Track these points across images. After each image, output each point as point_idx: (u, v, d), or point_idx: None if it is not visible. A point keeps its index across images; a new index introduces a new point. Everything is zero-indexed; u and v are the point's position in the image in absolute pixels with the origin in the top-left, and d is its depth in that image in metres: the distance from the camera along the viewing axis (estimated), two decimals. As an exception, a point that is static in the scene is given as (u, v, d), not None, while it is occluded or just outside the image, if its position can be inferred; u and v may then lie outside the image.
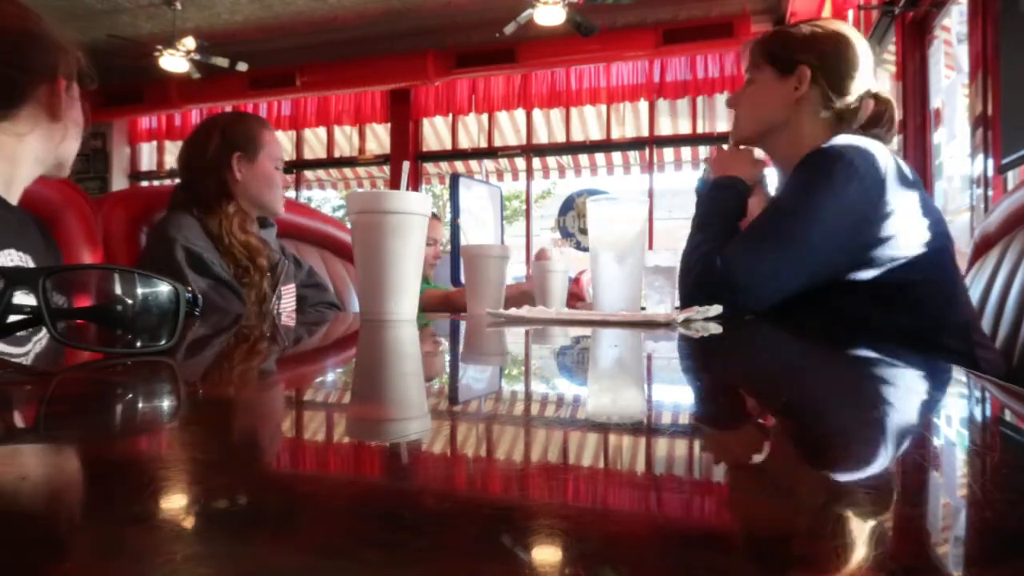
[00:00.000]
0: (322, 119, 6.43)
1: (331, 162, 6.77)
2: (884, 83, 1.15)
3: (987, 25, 2.46)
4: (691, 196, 1.24)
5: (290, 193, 6.47)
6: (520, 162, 6.42)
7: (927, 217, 1.00)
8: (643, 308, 1.22)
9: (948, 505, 0.19)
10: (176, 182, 1.49)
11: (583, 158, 6.50)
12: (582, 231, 5.56)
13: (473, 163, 6.60)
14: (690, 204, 1.22)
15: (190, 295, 0.46)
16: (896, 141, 2.66)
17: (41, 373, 0.43)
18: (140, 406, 0.32)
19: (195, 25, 5.51)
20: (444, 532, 0.15)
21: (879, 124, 1.09)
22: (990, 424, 0.33)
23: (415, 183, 6.23)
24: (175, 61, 5.21)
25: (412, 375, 0.45)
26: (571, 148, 6.25)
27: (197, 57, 5.19)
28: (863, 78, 1.09)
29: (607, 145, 6.15)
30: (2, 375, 0.39)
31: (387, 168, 6.54)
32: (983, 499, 0.19)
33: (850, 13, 3.69)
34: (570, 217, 5.72)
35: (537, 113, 6.14)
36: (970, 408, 0.37)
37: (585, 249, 4.64)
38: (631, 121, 6.04)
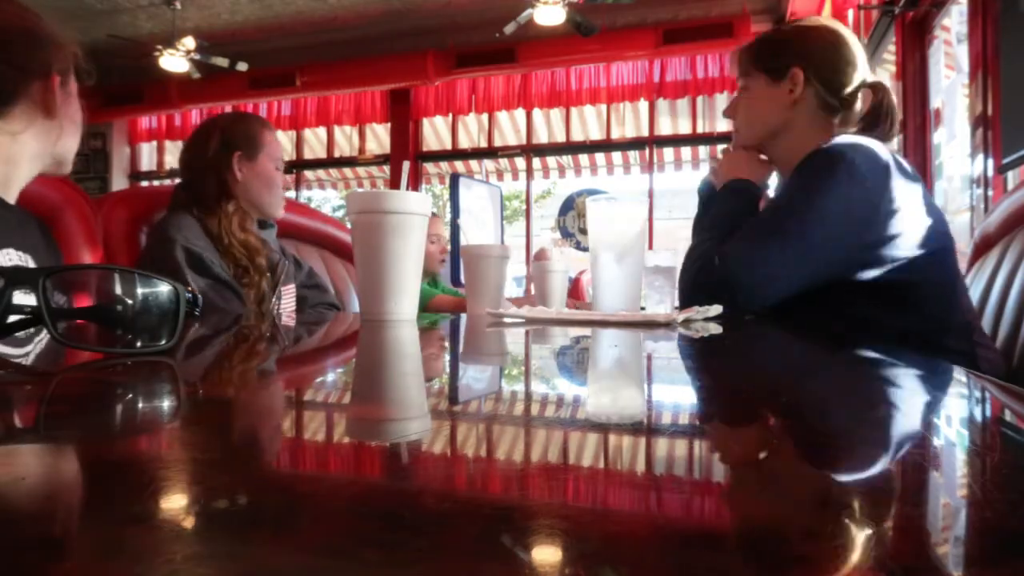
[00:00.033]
0: (322, 119, 6.43)
1: (331, 162, 6.77)
2: (883, 81, 1.14)
3: (987, 25, 2.46)
4: (691, 196, 1.24)
5: (290, 193, 6.47)
6: (520, 162, 6.42)
7: (929, 217, 1.00)
8: (643, 308, 1.22)
9: (948, 505, 0.19)
10: (177, 182, 1.49)
11: (583, 158, 6.50)
12: (582, 231, 5.56)
13: (473, 163, 6.60)
14: (690, 204, 1.22)
15: (190, 295, 0.46)
16: (896, 141, 2.65)
17: (41, 373, 0.43)
18: (140, 406, 0.32)
19: (195, 25, 5.51)
20: (444, 532, 0.15)
21: (879, 118, 1.08)
22: (990, 424, 0.33)
23: (415, 183, 6.23)
24: (175, 61, 5.21)
25: (412, 375, 0.45)
26: (571, 148, 6.25)
27: (197, 57, 5.19)
28: (856, 70, 1.09)
29: (607, 145, 6.15)
30: (2, 375, 0.39)
31: (387, 168, 6.55)
32: (983, 499, 0.19)
33: (850, 13, 3.69)
34: (570, 217, 5.73)
35: (537, 113, 6.14)
36: (970, 408, 0.37)
37: (585, 249, 4.64)
38: (631, 121, 6.04)
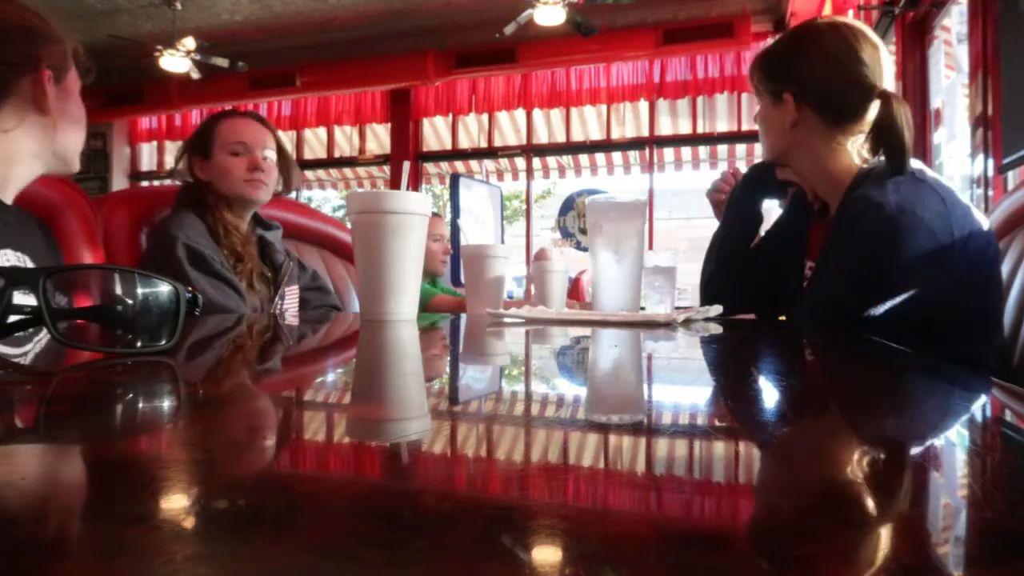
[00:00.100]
0: (322, 119, 6.43)
1: (331, 162, 6.77)
2: (889, 82, 1.09)
3: (987, 25, 2.46)
4: (691, 196, 1.24)
5: (290, 193, 6.45)
6: (520, 162, 6.42)
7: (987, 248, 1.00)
8: (643, 308, 1.22)
9: (948, 505, 0.19)
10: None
11: (583, 158, 6.50)
12: (582, 231, 5.56)
13: (473, 163, 6.60)
14: (690, 204, 1.23)
15: (190, 295, 0.46)
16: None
17: (41, 373, 0.43)
18: (140, 406, 0.32)
19: (195, 25, 5.51)
20: (444, 532, 0.15)
21: (884, 134, 1.02)
22: (990, 424, 0.33)
23: (415, 183, 6.23)
24: (175, 61, 5.21)
25: (412, 375, 0.45)
26: (571, 148, 6.25)
27: (197, 57, 5.19)
28: (859, 83, 1.02)
29: (607, 145, 6.15)
30: (2, 375, 0.39)
31: (387, 168, 6.55)
32: (983, 499, 0.19)
33: (850, 13, 3.68)
34: (570, 217, 5.74)
35: (537, 113, 6.14)
36: (970, 408, 0.37)
37: (585, 249, 4.64)
38: (631, 121, 6.04)
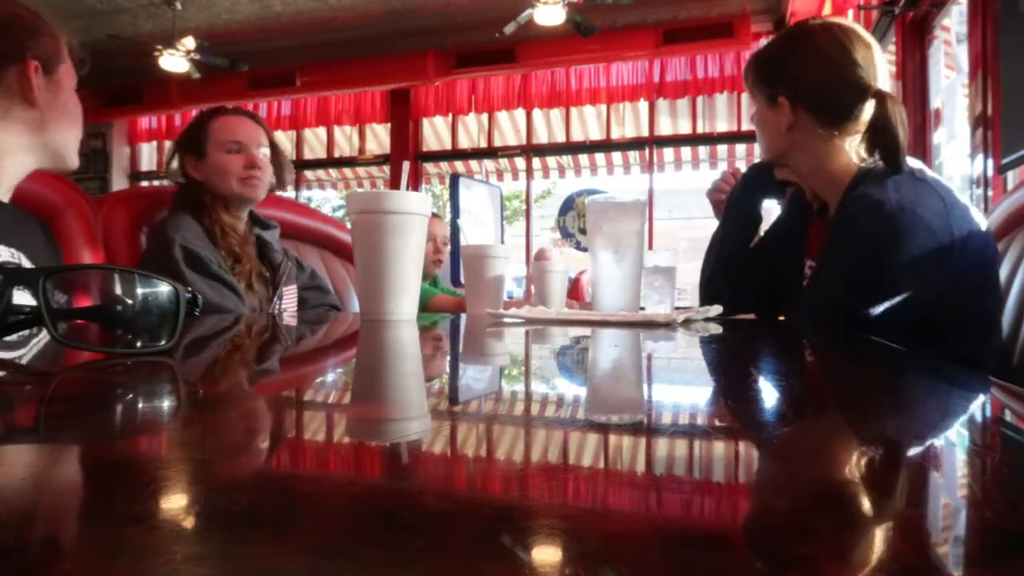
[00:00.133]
0: (322, 119, 6.43)
1: (331, 162, 6.77)
2: (885, 81, 1.08)
3: (987, 25, 2.46)
4: (691, 196, 1.24)
5: (290, 193, 6.51)
6: (520, 162, 6.42)
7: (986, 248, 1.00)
8: (642, 308, 1.22)
9: (948, 505, 0.19)
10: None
11: (583, 158, 6.50)
12: (582, 231, 5.56)
13: (473, 163, 6.60)
14: (690, 204, 1.23)
15: (190, 295, 0.46)
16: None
17: (41, 373, 0.43)
18: (140, 406, 0.32)
19: (195, 25, 5.51)
20: (444, 532, 0.15)
21: (878, 133, 1.01)
22: (990, 424, 0.33)
23: (415, 183, 6.23)
24: (175, 61, 5.21)
25: (412, 375, 0.45)
26: (571, 148, 6.25)
27: (197, 57, 5.19)
28: (854, 83, 1.01)
29: (607, 145, 6.15)
30: (2, 375, 0.39)
31: (387, 168, 6.55)
32: (983, 499, 0.19)
33: (850, 13, 3.68)
34: (570, 217, 5.74)
35: (537, 113, 6.14)
36: (969, 408, 0.37)
37: (585, 249, 4.65)
38: (631, 121, 6.04)
